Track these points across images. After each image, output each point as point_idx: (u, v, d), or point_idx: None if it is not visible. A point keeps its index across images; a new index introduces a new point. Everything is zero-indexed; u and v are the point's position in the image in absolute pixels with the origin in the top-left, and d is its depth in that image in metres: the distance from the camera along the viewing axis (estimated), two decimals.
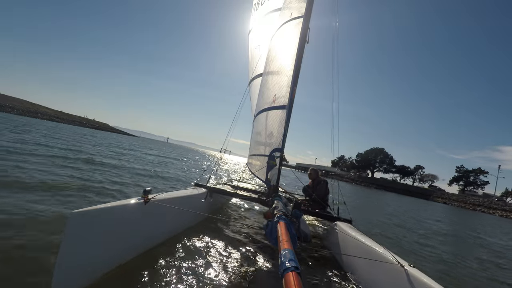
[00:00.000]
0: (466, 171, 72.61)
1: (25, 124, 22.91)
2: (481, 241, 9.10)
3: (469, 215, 29.23)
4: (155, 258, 2.59)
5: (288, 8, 4.56)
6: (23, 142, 9.85)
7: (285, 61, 4.20)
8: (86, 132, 35.59)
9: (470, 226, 14.90)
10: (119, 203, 2.27)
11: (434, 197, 56.05)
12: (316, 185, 5.01)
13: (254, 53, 6.16)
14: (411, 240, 6.42)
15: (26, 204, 3.40)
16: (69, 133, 23.06)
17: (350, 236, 3.28)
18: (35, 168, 5.60)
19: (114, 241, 2.20)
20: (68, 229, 1.82)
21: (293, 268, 1.37)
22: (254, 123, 5.25)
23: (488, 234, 11.93)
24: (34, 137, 12.74)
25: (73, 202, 3.91)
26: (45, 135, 15.57)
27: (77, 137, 19.77)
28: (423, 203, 36.58)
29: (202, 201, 3.83)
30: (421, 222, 11.37)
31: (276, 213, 2.53)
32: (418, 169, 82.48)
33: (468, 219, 22.02)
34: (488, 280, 4.43)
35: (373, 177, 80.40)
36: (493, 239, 10.33)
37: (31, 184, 4.35)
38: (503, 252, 7.69)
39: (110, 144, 19.73)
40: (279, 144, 3.99)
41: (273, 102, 4.25)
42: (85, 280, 1.94)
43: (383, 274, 2.46)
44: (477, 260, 5.83)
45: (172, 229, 3.19)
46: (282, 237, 1.93)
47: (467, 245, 7.91)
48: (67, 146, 11.50)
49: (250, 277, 2.64)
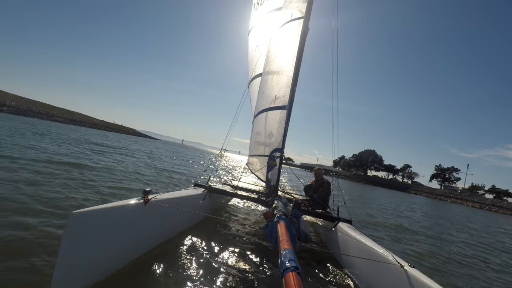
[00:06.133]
0: (442, 169, 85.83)
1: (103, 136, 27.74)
2: (400, 213, 12.44)
3: (423, 200, 38.38)
4: (155, 258, 2.59)
5: (288, 8, 4.56)
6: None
7: (285, 61, 4.19)
8: (130, 139, 38.62)
9: (406, 201, 23.67)
10: (119, 203, 2.27)
11: (410, 190, 70.04)
12: (319, 186, 5.01)
13: (253, 53, 6.16)
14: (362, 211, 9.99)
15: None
16: (128, 141, 27.24)
17: (350, 236, 3.28)
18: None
19: (114, 241, 2.19)
20: (68, 229, 1.81)
21: (293, 268, 1.37)
22: (254, 123, 5.25)
23: (402, 207, 16.37)
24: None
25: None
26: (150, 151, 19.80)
27: (151, 148, 24.23)
28: (400, 194, 43.59)
29: (202, 201, 3.83)
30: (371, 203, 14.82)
31: (276, 213, 2.53)
32: (406, 167, 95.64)
33: (410, 200, 29.40)
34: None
35: (366, 175, 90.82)
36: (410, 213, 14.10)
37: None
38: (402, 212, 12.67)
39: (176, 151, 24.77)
40: (279, 144, 3.99)
41: (273, 102, 4.24)
42: (85, 280, 1.94)
43: (383, 274, 2.46)
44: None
45: (172, 229, 3.18)
46: (282, 237, 1.93)
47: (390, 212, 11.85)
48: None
49: (250, 277, 2.64)
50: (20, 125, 19.19)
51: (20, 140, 9.79)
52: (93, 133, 29.73)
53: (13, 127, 15.89)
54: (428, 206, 24.33)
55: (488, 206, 50.28)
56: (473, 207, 48.33)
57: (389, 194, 32.52)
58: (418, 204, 23.75)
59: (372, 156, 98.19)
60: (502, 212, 46.14)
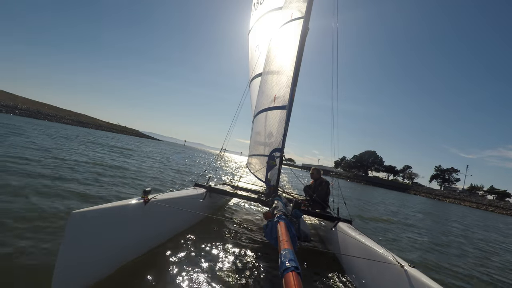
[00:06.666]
0: (442, 170, 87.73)
1: (113, 138, 28.89)
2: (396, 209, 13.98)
3: (422, 200, 39.66)
4: (155, 258, 2.59)
5: (288, 8, 4.56)
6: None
7: (285, 61, 4.19)
8: (138, 140, 40.37)
9: (405, 201, 25.08)
10: (119, 203, 2.27)
11: (410, 190, 71.23)
12: (318, 186, 5.00)
13: (254, 53, 6.15)
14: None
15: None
16: (134, 143, 28.68)
17: (350, 236, 3.28)
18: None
19: (114, 240, 2.19)
20: (68, 229, 1.81)
21: (293, 268, 1.37)
22: (253, 123, 5.24)
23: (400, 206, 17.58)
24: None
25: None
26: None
27: (160, 150, 25.77)
28: (400, 194, 44.65)
29: (202, 201, 3.83)
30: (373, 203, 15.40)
31: (276, 213, 2.53)
32: (407, 168, 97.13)
33: (411, 200, 30.36)
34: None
35: (367, 175, 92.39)
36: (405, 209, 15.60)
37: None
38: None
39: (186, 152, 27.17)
40: (279, 144, 3.99)
41: (273, 102, 4.24)
42: (85, 280, 1.94)
43: (383, 274, 2.46)
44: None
45: (172, 229, 3.18)
46: (282, 237, 1.92)
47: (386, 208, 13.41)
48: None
49: (250, 277, 2.64)
50: (47, 129, 20.71)
51: (70, 145, 11.91)
52: (103, 136, 31.12)
53: (44, 131, 17.72)
54: (423, 205, 24.72)
55: (485, 206, 51.03)
56: (470, 207, 49.02)
57: (389, 194, 32.93)
58: (413, 203, 24.58)
59: (372, 157, 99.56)
60: (499, 212, 46.77)
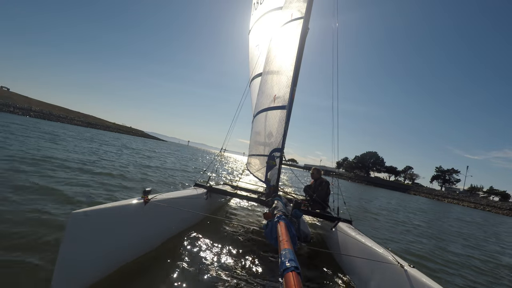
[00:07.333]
0: (442, 171, 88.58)
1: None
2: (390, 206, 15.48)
3: (422, 200, 40.67)
4: (155, 258, 2.59)
5: (288, 8, 4.55)
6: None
7: (285, 61, 4.19)
8: (146, 142, 41.54)
9: (403, 200, 25.64)
10: (119, 203, 2.27)
11: (410, 190, 71.53)
12: (318, 186, 5.00)
13: (254, 53, 6.15)
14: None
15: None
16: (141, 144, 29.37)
17: (350, 236, 3.27)
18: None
19: (114, 241, 2.19)
20: (68, 229, 1.81)
21: (293, 268, 1.37)
22: (253, 123, 5.24)
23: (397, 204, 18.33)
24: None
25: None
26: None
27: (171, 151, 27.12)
28: (400, 194, 45.74)
29: (202, 201, 3.83)
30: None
31: (276, 213, 2.52)
32: (408, 169, 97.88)
33: (409, 200, 30.53)
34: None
35: (368, 176, 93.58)
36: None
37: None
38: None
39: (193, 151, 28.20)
40: (278, 144, 3.98)
41: (273, 102, 4.24)
42: (85, 280, 1.94)
43: (383, 274, 2.46)
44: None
45: (172, 229, 3.18)
46: (282, 237, 1.92)
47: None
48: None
49: (250, 277, 2.64)
50: (68, 132, 21.81)
51: (100, 149, 12.88)
52: (115, 137, 32.51)
53: (66, 134, 18.70)
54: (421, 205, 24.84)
55: (483, 206, 51.41)
56: (468, 207, 49.41)
57: (389, 194, 33.18)
58: (410, 202, 24.69)
59: (374, 158, 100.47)
60: (495, 212, 47.10)
